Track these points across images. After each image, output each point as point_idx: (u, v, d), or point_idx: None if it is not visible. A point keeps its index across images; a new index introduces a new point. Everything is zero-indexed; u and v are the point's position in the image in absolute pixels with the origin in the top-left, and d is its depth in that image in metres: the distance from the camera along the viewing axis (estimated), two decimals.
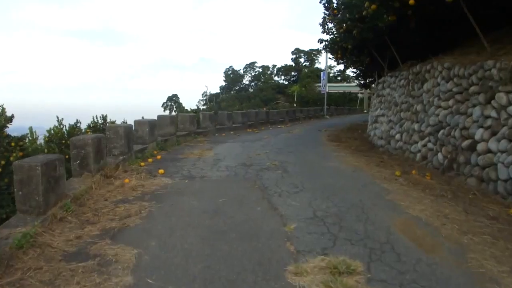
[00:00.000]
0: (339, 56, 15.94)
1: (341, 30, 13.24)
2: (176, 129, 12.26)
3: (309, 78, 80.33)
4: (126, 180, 6.39)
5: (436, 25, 9.27)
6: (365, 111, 40.35)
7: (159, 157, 9.15)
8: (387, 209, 5.10)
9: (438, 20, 8.98)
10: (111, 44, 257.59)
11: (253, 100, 66.14)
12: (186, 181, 6.73)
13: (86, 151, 6.08)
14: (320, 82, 61.31)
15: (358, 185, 6.43)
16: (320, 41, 22.95)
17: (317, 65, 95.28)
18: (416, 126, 8.63)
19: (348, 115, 35.08)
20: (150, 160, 8.63)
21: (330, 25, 21.70)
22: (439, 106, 7.69)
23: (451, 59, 7.85)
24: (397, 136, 9.67)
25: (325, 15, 18.16)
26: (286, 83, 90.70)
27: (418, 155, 8.28)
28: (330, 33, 22.14)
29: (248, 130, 17.36)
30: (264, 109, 21.52)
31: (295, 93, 69.53)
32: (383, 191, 6.05)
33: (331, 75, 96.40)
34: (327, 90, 32.55)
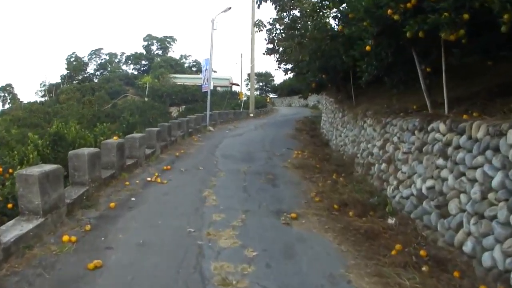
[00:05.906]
0: None
1: None
2: None
3: (162, 68, 68.79)
4: None
5: None
6: (251, 115, 31.12)
7: None
8: None
9: None
10: None
11: (98, 93, 53.88)
12: None
13: None
14: (195, 74, 49.87)
15: None
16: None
17: (170, 54, 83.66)
18: None
19: (237, 124, 25.12)
20: None
21: None
22: None
23: None
24: None
25: None
26: (136, 73, 77.93)
27: None
28: None
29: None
30: (116, 138, 9.53)
31: (147, 85, 57.79)
32: None
33: (186, 65, 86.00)
34: (211, 87, 21.55)
